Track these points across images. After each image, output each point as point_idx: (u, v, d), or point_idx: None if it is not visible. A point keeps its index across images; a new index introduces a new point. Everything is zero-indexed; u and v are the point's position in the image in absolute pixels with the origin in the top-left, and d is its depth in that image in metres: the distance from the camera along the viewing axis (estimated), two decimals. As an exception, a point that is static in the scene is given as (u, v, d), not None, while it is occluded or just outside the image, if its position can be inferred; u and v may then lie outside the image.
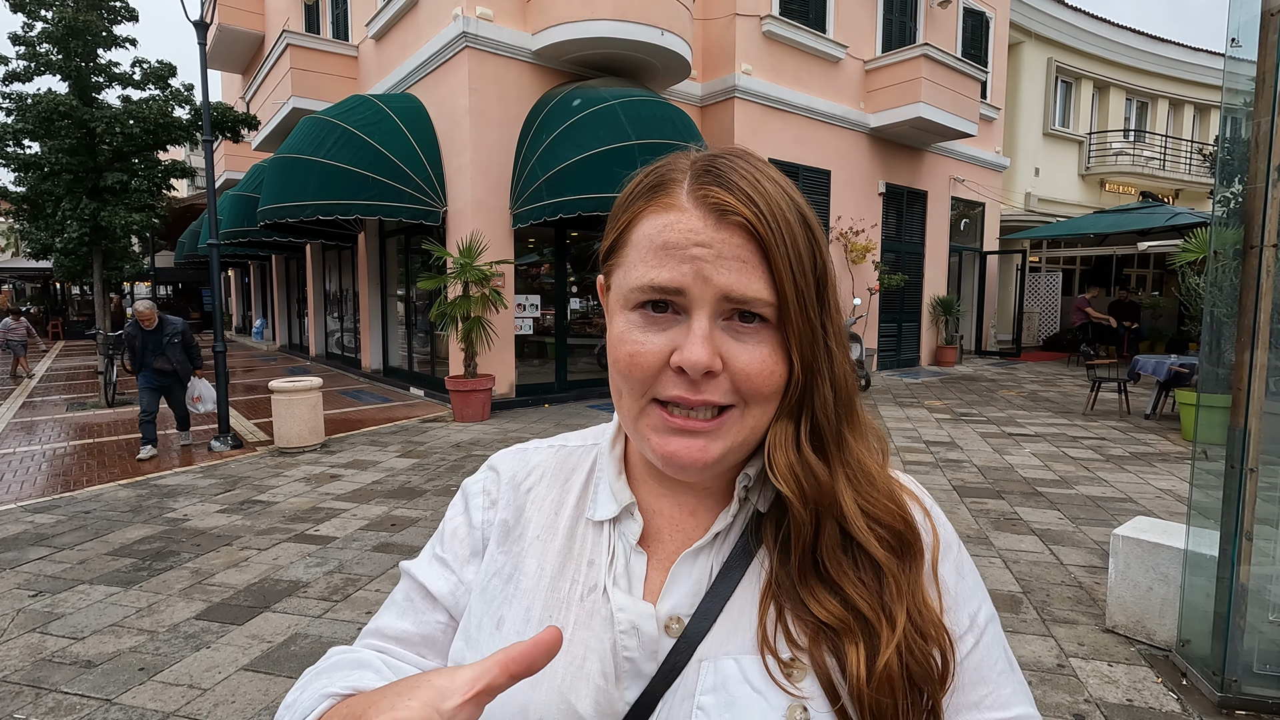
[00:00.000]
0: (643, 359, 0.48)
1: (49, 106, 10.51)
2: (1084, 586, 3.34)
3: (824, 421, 0.50)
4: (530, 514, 0.59)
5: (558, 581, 0.55)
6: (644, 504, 0.57)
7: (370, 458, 6.02)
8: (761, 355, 0.48)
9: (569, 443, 0.65)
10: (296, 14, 13.35)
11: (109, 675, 2.61)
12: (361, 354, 12.02)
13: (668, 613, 0.51)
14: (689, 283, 0.47)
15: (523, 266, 8.92)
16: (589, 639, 0.52)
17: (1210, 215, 3.49)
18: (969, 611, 0.53)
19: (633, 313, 0.50)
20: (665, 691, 0.50)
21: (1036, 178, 16.57)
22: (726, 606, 0.51)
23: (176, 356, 6.05)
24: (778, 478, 0.49)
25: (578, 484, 0.60)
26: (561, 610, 0.54)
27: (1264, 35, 2.33)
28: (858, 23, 11.32)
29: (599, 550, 0.56)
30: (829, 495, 0.49)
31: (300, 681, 0.55)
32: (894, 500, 0.52)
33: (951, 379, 11.37)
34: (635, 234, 0.50)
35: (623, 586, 0.53)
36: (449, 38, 8.07)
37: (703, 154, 0.51)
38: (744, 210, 0.47)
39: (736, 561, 0.52)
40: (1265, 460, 2.41)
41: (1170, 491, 4.96)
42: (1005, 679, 0.53)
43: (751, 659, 0.49)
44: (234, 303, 25.53)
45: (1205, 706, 2.38)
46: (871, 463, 0.52)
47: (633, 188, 0.52)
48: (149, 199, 11.79)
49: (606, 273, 0.55)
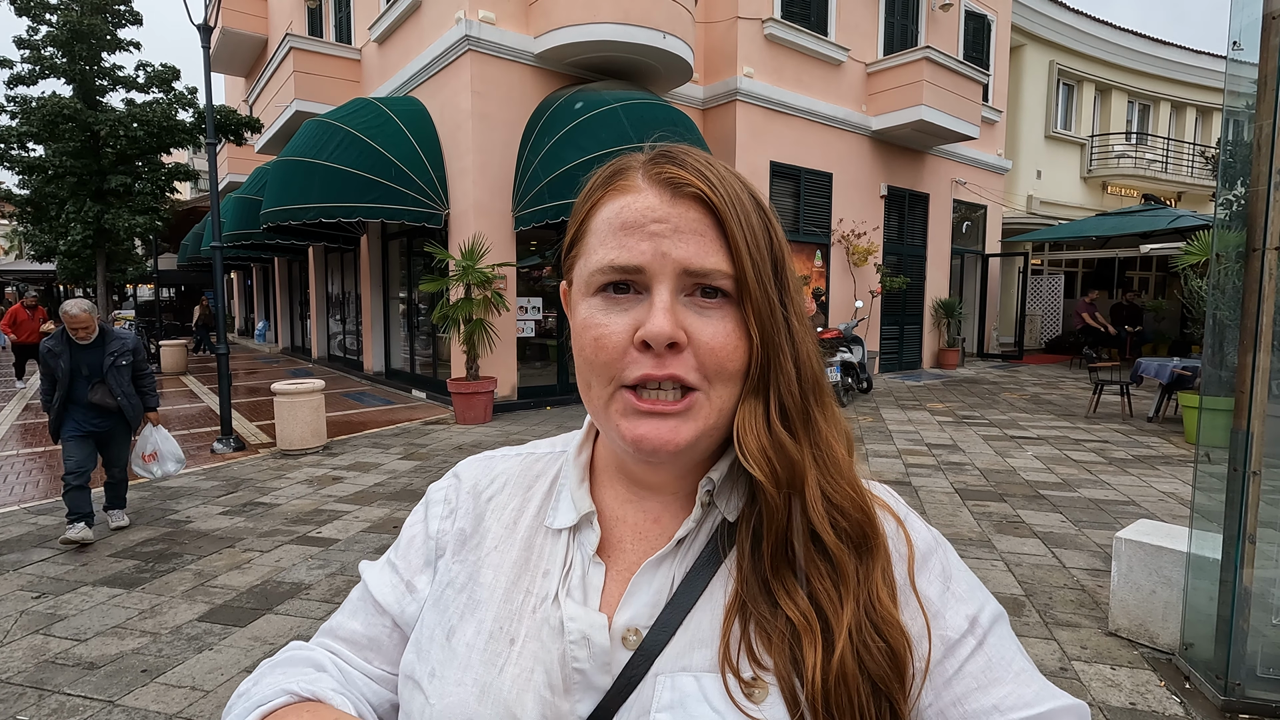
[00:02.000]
0: (607, 340, 0.48)
1: (53, 110, 10.56)
2: (1087, 590, 3.33)
3: (789, 399, 0.49)
4: (489, 523, 0.58)
5: (511, 592, 0.54)
6: (608, 511, 0.56)
7: (372, 460, 6.02)
8: (725, 329, 0.47)
9: (538, 450, 0.64)
10: (300, 17, 13.40)
11: (112, 677, 2.61)
12: (364, 356, 12.04)
13: (625, 624, 0.50)
14: (648, 259, 0.47)
15: (525, 269, 8.93)
16: (538, 650, 0.51)
17: (1213, 218, 3.49)
18: (966, 614, 0.50)
19: (594, 297, 0.49)
20: (621, 706, 0.48)
21: (1038, 180, 16.56)
22: (687, 619, 0.49)
23: (122, 387, 4.12)
24: (749, 460, 0.47)
25: (540, 492, 0.59)
26: (513, 621, 0.52)
27: (1266, 38, 2.33)
28: (859, 26, 11.33)
29: (555, 560, 0.54)
30: (800, 477, 0.48)
31: (256, 673, 0.55)
32: (856, 489, 0.50)
33: (953, 381, 11.35)
34: (594, 222, 0.51)
35: (577, 598, 0.52)
36: (451, 41, 8.09)
37: (658, 146, 0.52)
38: (698, 183, 0.47)
39: (700, 571, 0.51)
40: (1268, 463, 2.40)
41: (1173, 494, 4.95)
42: (1028, 678, 0.49)
43: (712, 677, 0.47)
44: (236, 305, 25.59)
45: (1209, 710, 2.37)
46: (840, 449, 0.51)
47: (591, 183, 0.53)
48: (152, 202, 11.83)
49: (568, 268, 0.54)
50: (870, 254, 11.28)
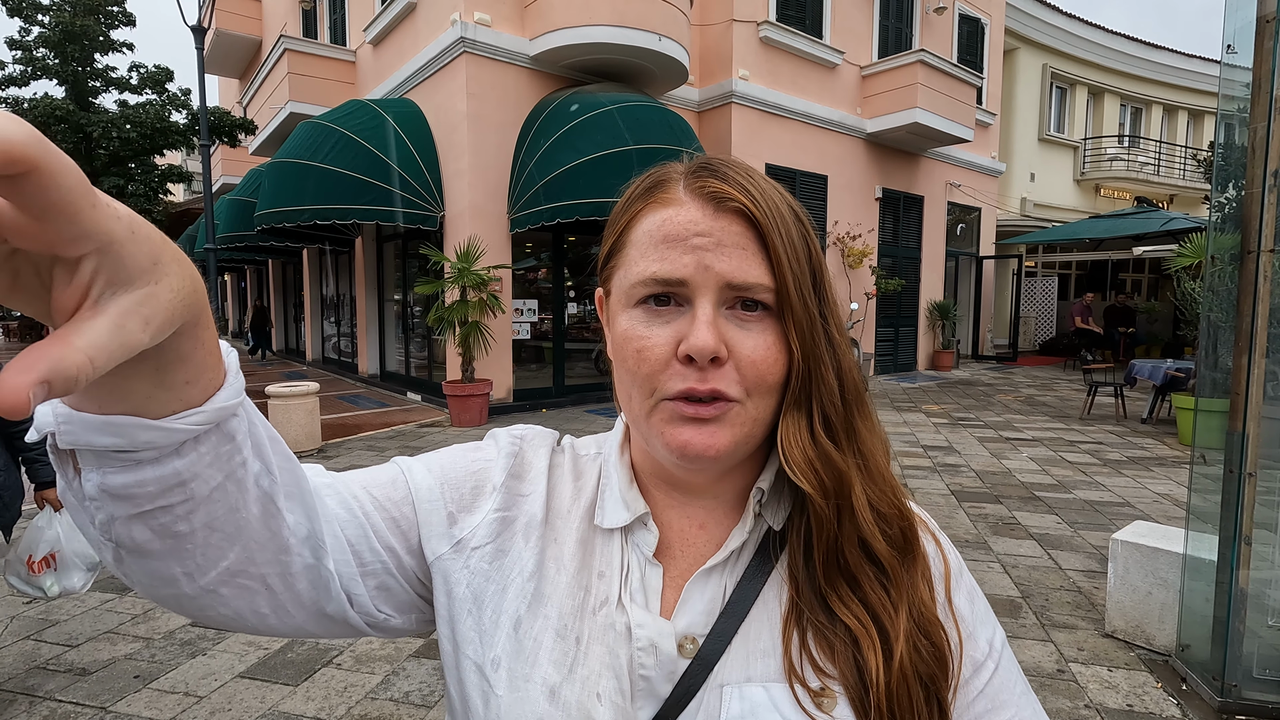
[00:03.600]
0: (649, 352, 0.48)
1: (45, 111, 10.51)
2: (1083, 591, 3.33)
3: (832, 411, 0.49)
4: (552, 510, 0.56)
5: (573, 589, 0.53)
6: (653, 516, 0.56)
7: (367, 463, 5.99)
8: (766, 343, 0.48)
9: (577, 449, 0.62)
10: (294, 19, 13.37)
11: (104, 683, 2.59)
12: (359, 359, 11.99)
13: (683, 631, 0.50)
14: (691, 273, 0.47)
15: (520, 271, 8.92)
16: (603, 654, 0.50)
17: (1206, 220, 3.51)
18: (985, 637, 0.53)
19: (635, 309, 0.49)
20: (679, 715, 0.48)
21: (1032, 183, 16.64)
22: (742, 628, 0.50)
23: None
24: (795, 472, 0.48)
25: (589, 488, 0.58)
26: (577, 620, 0.52)
27: (1259, 41, 2.34)
28: (854, 29, 11.37)
29: (609, 561, 0.54)
30: (848, 487, 0.48)
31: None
32: (898, 496, 0.52)
33: (949, 383, 11.38)
34: (634, 233, 0.51)
35: (639, 601, 0.52)
36: (447, 43, 8.08)
37: (697, 157, 0.52)
38: (740, 198, 0.47)
39: (751, 581, 0.51)
40: (1264, 464, 2.41)
41: (1168, 496, 4.97)
42: (1026, 700, 0.53)
43: (780, 687, 0.48)
44: (230, 307, 25.48)
45: (1205, 711, 2.38)
46: (881, 458, 0.52)
47: (630, 193, 0.53)
48: (145, 204, 11.77)
49: (606, 278, 0.54)
50: (865, 256, 11.32)
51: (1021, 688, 0.53)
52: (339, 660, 2.74)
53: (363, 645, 2.86)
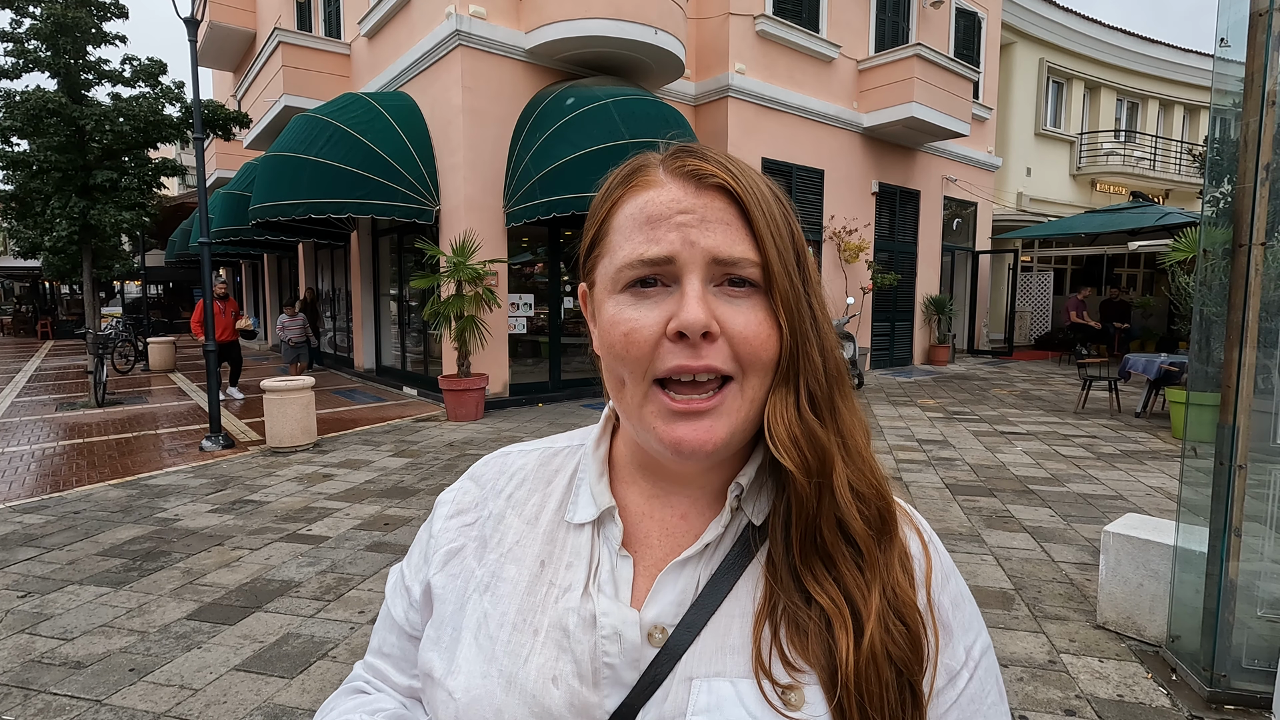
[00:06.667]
0: (639, 334, 0.48)
1: (37, 104, 10.42)
2: (1075, 583, 3.36)
3: (817, 388, 0.49)
4: (510, 520, 0.58)
5: (535, 585, 0.54)
6: (634, 507, 0.56)
7: (363, 457, 5.99)
8: (757, 319, 0.47)
9: (555, 444, 0.63)
10: (288, 11, 13.27)
11: (99, 676, 2.59)
12: (354, 353, 11.97)
13: (651, 621, 0.50)
14: (678, 249, 0.47)
15: (516, 265, 8.90)
16: (562, 639, 0.51)
17: (1200, 215, 3.52)
18: (964, 645, 0.52)
19: (621, 294, 0.49)
20: (644, 704, 0.48)
21: (1028, 178, 16.66)
22: (712, 620, 0.50)
23: None
24: (780, 449, 0.48)
25: (560, 486, 0.59)
26: (537, 613, 0.53)
27: (1253, 35, 2.34)
28: (851, 22, 11.34)
29: (578, 552, 0.54)
30: (830, 465, 0.48)
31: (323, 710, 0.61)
32: (876, 477, 0.51)
33: (944, 378, 11.41)
34: (616, 219, 0.51)
35: (608, 592, 0.52)
36: (442, 36, 8.04)
37: (674, 144, 0.52)
38: (721, 175, 0.48)
39: (725, 575, 0.51)
40: (1254, 457, 2.43)
41: (1160, 489, 5.00)
42: (996, 711, 0.53)
43: (748, 683, 0.48)
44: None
45: (1195, 701, 2.40)
46: (860, 438, 0.51)
47: (609, 182, 0.53)
48: (139, 197, 11.67)
49: (589, 269, 0.54)
50: (861, 250, 11.32)
51: (995, 698, 0.53)
52: (334, 653, 2.75)
53: (358, 639, 2.86)
